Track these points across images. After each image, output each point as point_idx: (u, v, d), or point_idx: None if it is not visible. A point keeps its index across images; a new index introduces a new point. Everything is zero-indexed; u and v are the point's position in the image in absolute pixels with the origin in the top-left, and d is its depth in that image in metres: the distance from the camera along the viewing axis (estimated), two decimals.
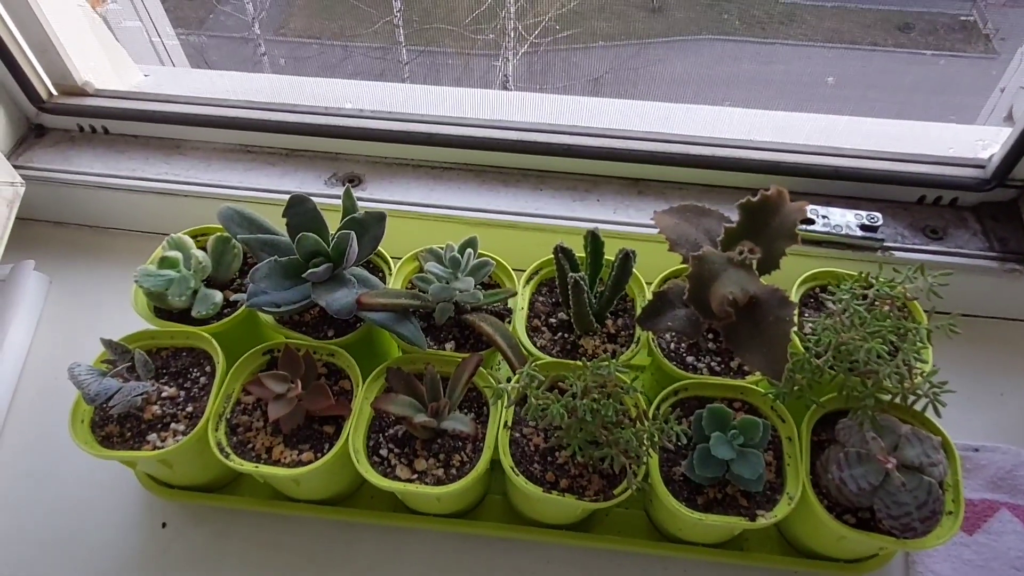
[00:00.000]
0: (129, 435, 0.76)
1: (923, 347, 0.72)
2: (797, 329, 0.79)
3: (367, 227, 0.82)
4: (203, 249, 0.88)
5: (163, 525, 0.84)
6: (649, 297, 0.80)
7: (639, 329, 0.81)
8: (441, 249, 0.83)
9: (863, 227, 0.94)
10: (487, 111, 1.09)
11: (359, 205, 0.84)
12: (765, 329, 0.65)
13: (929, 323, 0.74)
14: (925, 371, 0.69)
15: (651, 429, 0.68)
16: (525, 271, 0.87)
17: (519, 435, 0.74)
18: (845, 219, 0.95)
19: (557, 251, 0.79)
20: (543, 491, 0.69)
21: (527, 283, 0.87)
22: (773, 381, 0.67)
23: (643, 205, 1.02)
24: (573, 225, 0.99)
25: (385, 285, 0.85)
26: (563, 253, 0.79)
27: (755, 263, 0.68)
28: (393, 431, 0.76)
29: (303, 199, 0.81)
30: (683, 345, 0.82)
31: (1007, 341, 0.99)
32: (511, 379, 0.69)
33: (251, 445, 0.75)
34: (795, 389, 0.71)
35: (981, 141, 1.00)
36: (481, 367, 0.76)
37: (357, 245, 0.78)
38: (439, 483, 0.72)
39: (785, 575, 0.79)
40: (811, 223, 0.94)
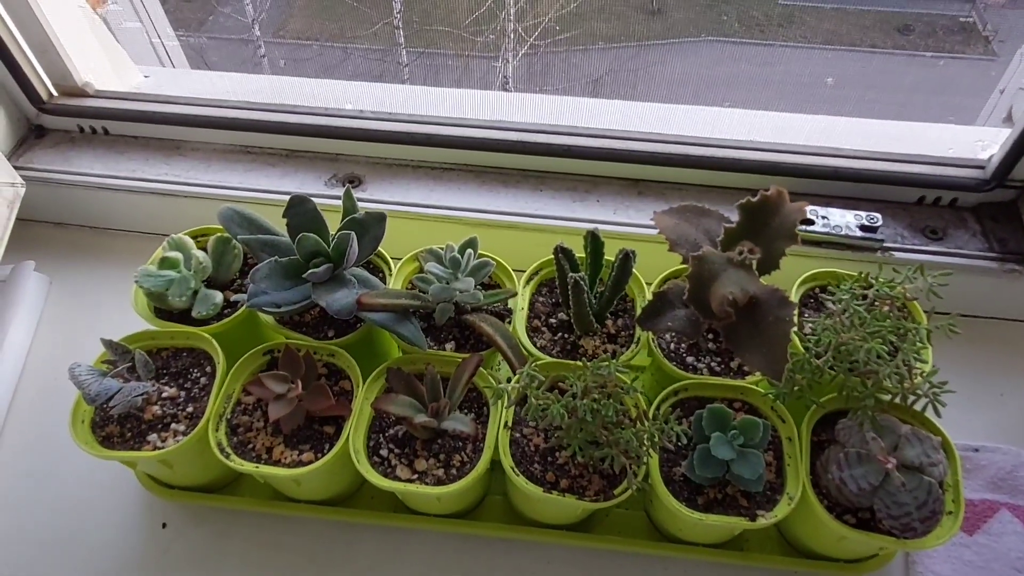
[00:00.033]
0: (129, 435, 0.76)
1: (923, 347, 0.72)
2: (797, 329, 0.79)
3: (367, 227, 0.82)
4: (203, 250, 0.88)
5: (163, 525, 0.84)
6: (649, 297, 0.80)
7: (639, 329, 0.81)
8: (441, 249, 0.83)
9: (863, 227, 0.94)
10: (487, 112, 1.09)
11: (359, 206, 0.84)
12: (765, 329, 0.65)
13: (929, 323, 0.74)
14: (925, 371, 0.69)
15: (651, 429, 0.68)
16: (525, 271, 0.87)
17: (519, 435, 0.74)
18: (845, 219, 0.95)
19: (557, 251, 0.79)
20: (543, 491, 0.69)
21: (527, 283, 0.87)
22: (773, 381, 0.67)
23: (643, 206, 1.02)
24: (573, 225, 0.99)
25: (385, 285, 0.85)
26: (563, 253, 0.79)
27: (755, 263, 0.68)
28: (393, 431, 0.76)
29: (303, 200, 0.82)
30: (683, 345, 0.82)
31: (1007, 341, 0.99)
32: (511, 379, 0.69)
33: (251, 445, 0.75)
34: (795, 389, 0.71)
35: (980, 142, 1.00)
36: (481, 367, 0.76)
37: (357, 245, 0.78)
38: (439, 483, 0.72)
39: (785, 575, 0.79)
40: (811, 223, 0.94)
